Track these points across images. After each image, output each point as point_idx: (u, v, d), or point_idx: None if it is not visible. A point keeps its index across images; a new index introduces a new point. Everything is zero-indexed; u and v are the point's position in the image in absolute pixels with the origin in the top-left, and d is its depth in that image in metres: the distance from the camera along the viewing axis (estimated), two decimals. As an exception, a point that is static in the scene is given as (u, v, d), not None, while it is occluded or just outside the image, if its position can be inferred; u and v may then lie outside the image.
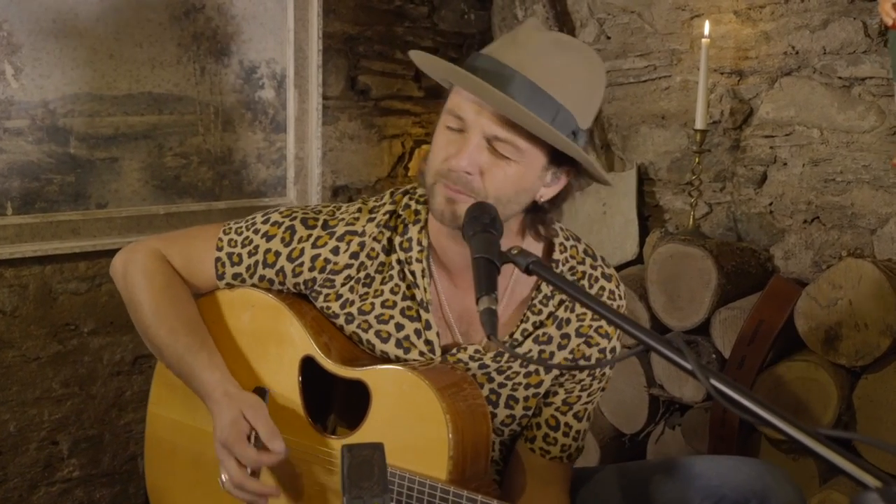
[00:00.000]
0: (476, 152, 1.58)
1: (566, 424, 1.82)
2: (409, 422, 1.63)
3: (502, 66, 1.56)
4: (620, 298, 1.82)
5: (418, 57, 1.68)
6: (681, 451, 2.72)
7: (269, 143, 3.00)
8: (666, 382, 2.70)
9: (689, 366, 1.19)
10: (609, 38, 3.19)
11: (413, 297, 1.75)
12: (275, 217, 1.81)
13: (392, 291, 1.76)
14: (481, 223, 1.50)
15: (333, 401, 1.85)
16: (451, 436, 1.59)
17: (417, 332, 1.75)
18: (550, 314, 1.77)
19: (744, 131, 2.87)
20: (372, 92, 3.27)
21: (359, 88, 3.25)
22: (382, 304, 1.76)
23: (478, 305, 1.39)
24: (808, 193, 2.73)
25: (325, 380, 1.76)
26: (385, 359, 1.77)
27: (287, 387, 1.76)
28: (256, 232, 1.81)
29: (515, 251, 1.46)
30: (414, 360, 1.75)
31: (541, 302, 1.77)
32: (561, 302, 1.78)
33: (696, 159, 2.84)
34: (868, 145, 2.60)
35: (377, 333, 1.76)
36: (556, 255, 1.77)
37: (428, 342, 1.74)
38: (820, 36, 2.65)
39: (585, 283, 1.78)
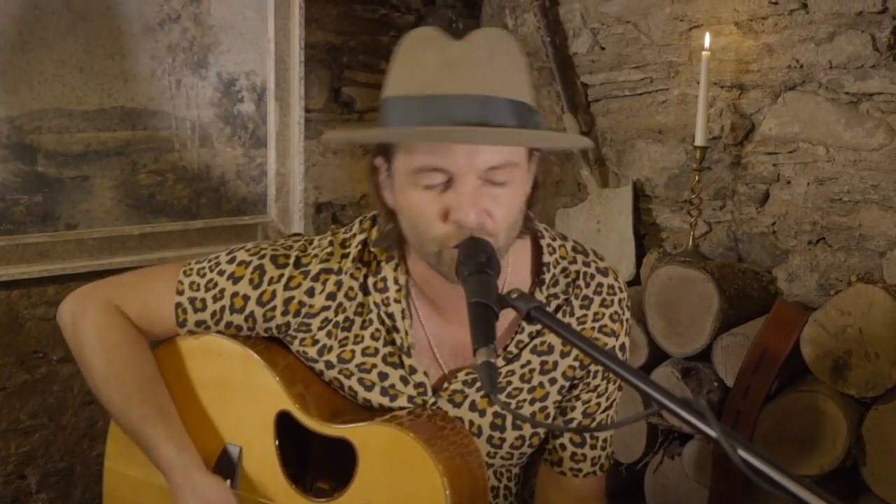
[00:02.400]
0: (476, 196, 1.41)
1: (592, 436, 1.67)
2: (401, 481, 1.50)
3: (465, 98, 1.38)
4: (621, 291, 1.67)
5: (359, 136, 1.50)
6: (681, 483, 2.61)
7: (249, 158, 2.87)
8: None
9: (713, 433, 1.07)
10: (603, 49, 3.07)
11: (394, 342, 1.61)
12: (241, 256, 1.64)
13: (373, 337, 1.61)
14: (476, 262, 1.36)
15: (311, 454, 1.72)
16: (448, 492, 1.46)
17: (403, 380, 1.61)
18: None
19: (745, 147, 2.76)
20: (356, 104, 3.16)
21: (342, 100, 3.13)
22: (363, 352, 1.61)
23: (475, 357, 1.26)
24: (813, 213, 2.62)
25: (300, 432, 1.63)
26: (369, 407, 1.63)
27: (262, 445, 1.63)
28: (221, 273, 1.64)
29: (515, 294, 1.33)
30: (401, 407, 1.61)
31: None
32: (559, 307, 1.63)
33: (696, 177, 2.72)
34: (877, 164, 2.48)
35: (360, 381, 1.62)
36: (546, 258, 1.63)
37: (418, 385, 1.61)
38: (826, 49, 2.53)
39: (581, 282, 1.63)
